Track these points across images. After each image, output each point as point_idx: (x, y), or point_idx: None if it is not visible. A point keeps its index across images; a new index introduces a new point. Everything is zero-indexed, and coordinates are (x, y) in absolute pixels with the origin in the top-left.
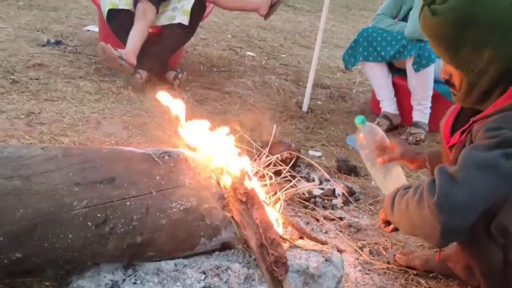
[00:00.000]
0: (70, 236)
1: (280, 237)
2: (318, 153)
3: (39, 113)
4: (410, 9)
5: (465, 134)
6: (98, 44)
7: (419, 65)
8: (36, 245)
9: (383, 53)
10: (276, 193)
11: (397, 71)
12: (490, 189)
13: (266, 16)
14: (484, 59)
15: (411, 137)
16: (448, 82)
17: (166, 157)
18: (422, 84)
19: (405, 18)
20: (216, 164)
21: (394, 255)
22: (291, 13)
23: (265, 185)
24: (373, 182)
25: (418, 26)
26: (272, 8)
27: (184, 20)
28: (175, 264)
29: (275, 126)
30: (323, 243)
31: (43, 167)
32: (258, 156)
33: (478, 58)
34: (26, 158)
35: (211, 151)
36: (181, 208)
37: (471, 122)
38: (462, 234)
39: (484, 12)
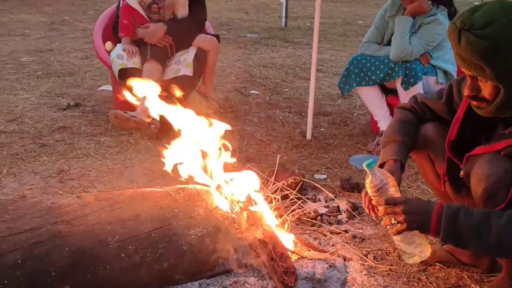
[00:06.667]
0: (108, 267)
1: (288, 250)
2: (324, 176)
3: (68, 170)
4: (392, 34)
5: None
6: (110, 112)
7: (407, 84)
8: (81, 276)
9: (373, 77)
10: (282, 215)
11: (390, 92)
12: None
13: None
14: None
15: None
16: (475, 97)
17: (181, 192)
18: None
19: (389, 43)
20: (227, 193)
21: None
22: (291, 48)
23: (274, 208)
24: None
25: (401, 49)
26: None
27: (188, 71)
28: (200, 284)
29: (278, 156)
30: (326, 251)
31: (80, 211)
32: (265, 185)
33: None
34: (66, 206)
35: (220, 182)
36: (199, 234)
37: None
38: None
39: None
